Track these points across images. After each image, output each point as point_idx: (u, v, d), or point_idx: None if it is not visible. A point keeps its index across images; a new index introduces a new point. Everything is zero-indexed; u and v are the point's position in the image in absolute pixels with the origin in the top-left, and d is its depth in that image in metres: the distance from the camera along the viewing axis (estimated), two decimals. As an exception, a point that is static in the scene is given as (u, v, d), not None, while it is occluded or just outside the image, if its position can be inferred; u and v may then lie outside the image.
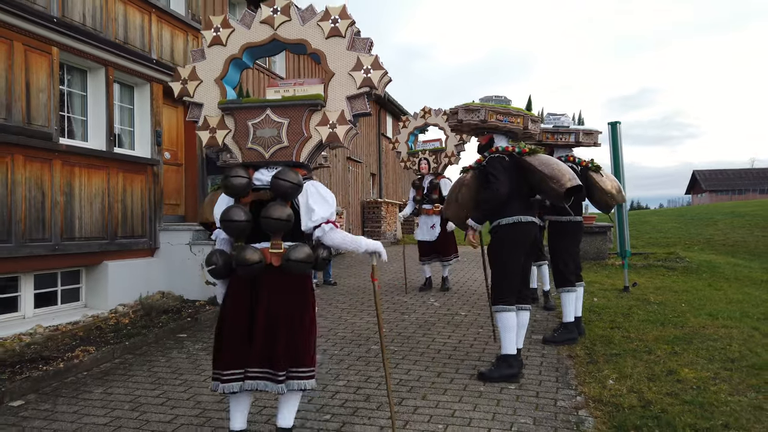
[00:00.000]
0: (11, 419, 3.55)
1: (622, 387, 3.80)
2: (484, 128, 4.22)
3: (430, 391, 3.89)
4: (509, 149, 4.08)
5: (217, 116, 3.09)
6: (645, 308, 6.23)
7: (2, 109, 5.10)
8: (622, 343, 4.87)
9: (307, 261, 2.78)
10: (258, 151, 2.98)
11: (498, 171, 3.98)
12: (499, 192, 3.94)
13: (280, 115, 2.97)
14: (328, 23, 2.96)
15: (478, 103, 4.08)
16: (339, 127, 2.94)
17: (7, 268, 5.26)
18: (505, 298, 4.03)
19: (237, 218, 2.76)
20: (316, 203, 2.83)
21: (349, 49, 2.95)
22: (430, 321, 5.97)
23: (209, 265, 2.86)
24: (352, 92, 2.94)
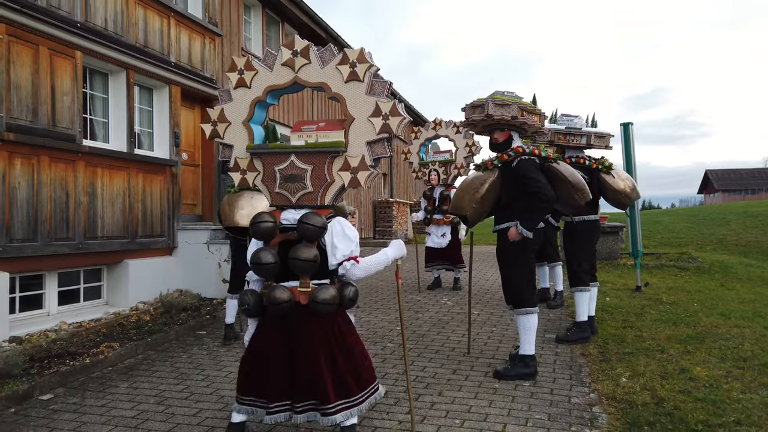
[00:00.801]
0: (42, 412, 3.69)
1: (635, 385, 3.87)
2: (505, 125, 4.10)
3: (446, 387, 3.98)
4: (535, 152, 4.04)
5: (247, 158, 3.24)
6: (657, 308, 6.27)
7: (29, 112, 5.25)
8: (634, 342, 4.93)
9: (332, 302, 2.90)
10: (285, 195, 3.13)
11: (536, 173, 3.94)
12: (550, 195, 3.90)
13: (304, 162, 3.10)
14: (346, 67, 3.02)
15: (506, 97, 4.00)
16: (360, 173, 3.04)
17: (32, 266, 5.42)
18: (530, 300, 4.07)
19: (266, 261, 2.92)
20: (340, 241, 2.96)
21: (368, 94, 3.01)
22: (443, 320, 6.06)
23: (242, 305, 3.02)
24: (372, 138, 3.01)
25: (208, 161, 8.31)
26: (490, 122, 4.09)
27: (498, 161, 4.10)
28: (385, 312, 6.49)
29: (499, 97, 4.00)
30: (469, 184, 4.14)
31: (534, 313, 4.08)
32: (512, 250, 4.08)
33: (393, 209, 16.25)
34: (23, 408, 3.75)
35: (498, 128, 4.16)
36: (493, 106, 3.97)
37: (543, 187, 3.92)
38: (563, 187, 4.04)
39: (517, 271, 4.10)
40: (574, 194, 3.96)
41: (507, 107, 3.96)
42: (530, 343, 4.09)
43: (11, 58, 5.08)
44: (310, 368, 2.92)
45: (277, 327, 2.99)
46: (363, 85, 3.01)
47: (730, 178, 61.72)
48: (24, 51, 5.21)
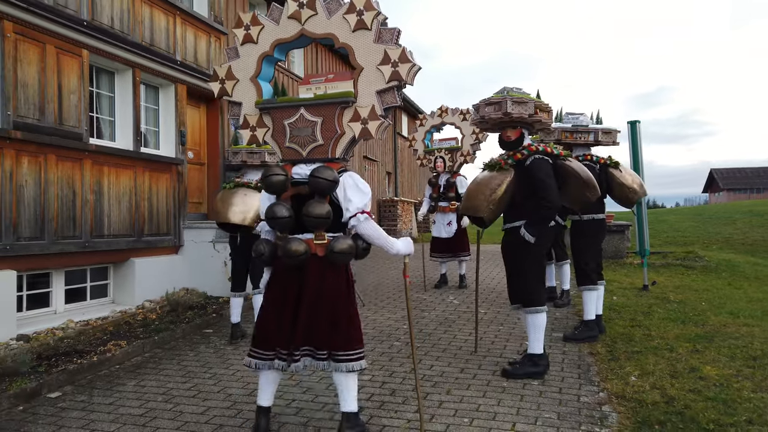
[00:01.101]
0: (50, 410, 3.69)
1: (644, 383, 3.85)
2: (520, 123, 4.06)
3: (454, 386, 3.97)
4: (548, 150, 4.01)
5: (256, 115, 3.21)
6: (665, 307, 6.24)
7: (36, 110, 5.25)
8: (643, 340, 4.91)
9: (350, 252, 2.95)
10: (295, 149, 3.11)
11: (547, 176, 3.91)
12: (555, 203, 3.89)
13: (314, 114, 3.06)
14: (353, 16, 2.97)
15: (527, 96, 3.97)
16: (371, 123, 3.01)
17: (39, 265, 5.43)
18: (539, 299, 4.04)
19: (281, 215, 2.94)
20: (353, 194, 2.95)
21: (376, 42, 2.95)
22: (450, 318, 6.04)
23: (257, 253, 3.04)
24: (382, 86, 2.97)
25: (214, 160, 8.31)
26: (506, 120, 4.04)
27: (512, 160, 4.04)
28: (391, 311, 6.48)
29: (517, 94, 3.96)
30: (484, 185, 4.01)
31: (543, 312, 4.05)
32: (521, 248, 4.03)
33: (398, 208, 16.23)
34: (31, 406, 3.75)
35: (511, 126, 4.11)
36: (511, 104, 3.92)
37: (550, 193, 3.88)
38: (574, 184, 4.01)
39: (526, 270, 4.06)
40: (585, 191, 3.94)
41: (525, 105, 3.92)
42: (539, 342, 4.06)
43: (18, 56, 5.09)
44: (320, 316, 2.95)
45: (287, 277, 3.00)
46: (371, 34, 2.96)
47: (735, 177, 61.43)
48: (31, 49, 5.22)
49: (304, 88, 3.15)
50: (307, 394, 3.83)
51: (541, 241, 4.02)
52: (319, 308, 2.96)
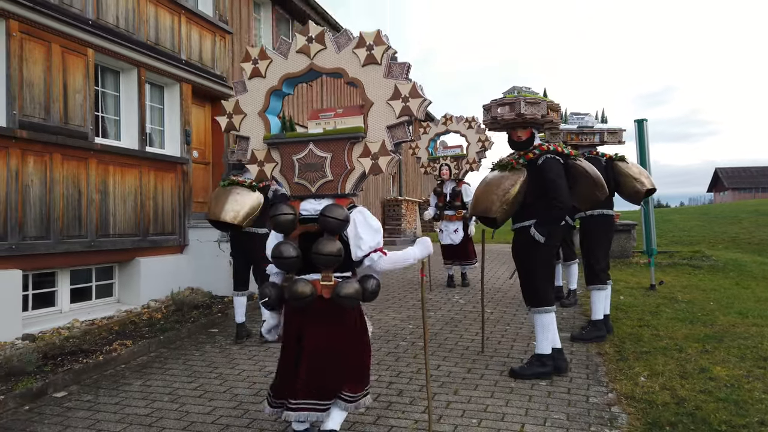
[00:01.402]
0: (56, 410, 3.68)
1: (654, 384, 3.81)
2: (532, 123, 4.02)
3: (462, 386, 3.94)
4: (559, 149, 3.99)
5: (264, 150, 3.16)
6: (673, 306, 6.20)
7: (41, 109, 5.25)
8: (651, 341, 4.86)
9: (356, 297, 2.85)
10: (304, 185, 3.05)
11: (558, 176, 3.89)
12: (566, 203, 3.87)
13: (323, 150, 3.02)
14: (363, 50, 2.92)
15: (540, 96, 3.95)
16: (381, 158, 2.94)
17: (45, 264, 5.42)
18: (547, 299, 4.01)
19: (287, 255, 2.85)
20: (364, 232, 2.88)
21: (386, 77, 2.91)
22: (456, 318, 6.01)
23: (262, 297, 2.97)
24: (392, 121, 2.91)
25: (219, 159, 8.29)
26: (519, 121, 3.99)
27: (524, 160, 4.00)
28: (397, 310, 6.45)
29: (528, 94, 3.93)
30: (495, 186, 3.96)
31: (550, 312, 4.02)
32: (531, 248, 3.99)
33: (402, 208, 16.19)
34: (37, 405, 3.74)
35: (522, 126, 4.06)
36: (524, 104, 3.89)
37: (562, 193, 3.86)
38: (585, 182, 3.99)
39: (535, 270, 4.03)
40: (596, 190, 3.93)
41: (537, 105, 3.90)
42: (546, 342, 4.03)
43: (24, 55, 5.08)
44: (325, 366, 2.86)
45: (295, 320, 2.94)
46: (381, 68, 2.91)
47: (740, 176, 61.12)
48: (36, 48, 5.21)
49: (313, 123, 3.10)
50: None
51: (551, 241, 3.98)
52: (324, 358, 2.87)
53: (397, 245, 15.02)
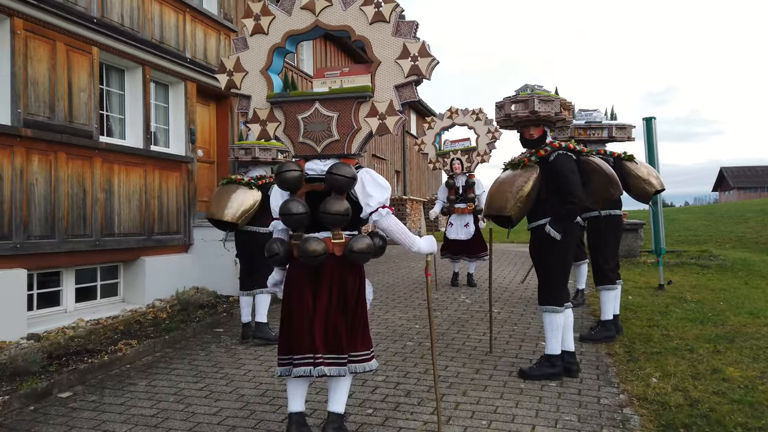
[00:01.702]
0: (61, 410, 3.64)
1: (666, 385, 3.75)
2: (542, 120, 3.94)
3: (470, 387, 3.89)
4: (570, 146, 3.93)
5: (266, 109, 3.07)
6: (682, 306, 6.13)
7: (46, 107, 5.22)
8: (662, 341, 4.80)
9: (369, 251, 2.87)
10: (310, 145, 2.99)
11: (571, 172, 3.83)
12: (580, 198, 3.81)
13: (329, 109, 2.96)
14: (371, 8, 2.87)
15: (549, 92, 3.91)
16: (389, 118, 2.92)
17: (50, 263, 5.40)
18: (556, 298, 3.92)
19: (296, 211, 2.84)
20: (373, 189, 2.88)
21: (394, 35, 2.86)
22: (463, 318, 5.96)
23: (271, 253, 2.94)
24: (400, 81, 2.87)
25: (224, 158, 8.26)
26: (532, 118, 3.91)
27: (536, 157, 3.94)
28: (403, 310, 6.40)
29: (542, 92, 3.87)
30: (509, 184, 3.91)
31: (560, 313, 3.94)
32: (548, 246, 3.92)
33: (407, 207, 16.15)
34: (42, 406, 3.71)
35: (534, 124, 3.99)
36: (538, 102, 3.82)
37: (575, 188, 3.81)
38: (599, 179, 3.93)
39: (550, 268, 3.96)
40: (609, 187, 3.86)
41: (551, 103, 3.83)
42: (556, 343, 3.96)
43: (28, 53, 5.06)
44: (340, 321, 2.88)
45: (304, 278, 2.91)
46: (389, 26, 2.87)
47: (745, 175, 60.81)
48: (41, 46, 5.19)
49: (318, 81, 3.05)
50: (320, 395, 3.76)
51: (567, 239, 3.91)
52: (340, 313, 2.89)
53: (402, 245, 14.98)
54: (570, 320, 4.04)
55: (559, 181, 3.85)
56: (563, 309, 3.95)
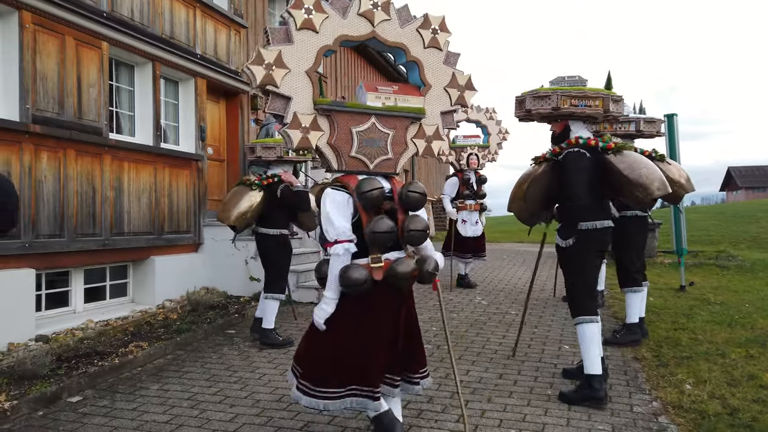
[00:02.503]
0: (71, 416, 3.51)
1: (701, 392, 3.59)
2: (558, 116, 3.72)
3: (495, 393, 3.74)
4: (591, 143, 3.59)
5: (311, 115, 2.77)
6: (707, 308, 5.95)
7: (55, 103, 5.09)
8: (690, 345, 4.64)
9: (411, 275, 2.81)
10: (363, 161, 2.86)
11: (575, 174, 3.53)
12: (579, 204, 3.54)
13: (386, 126, 2.90)
14: (428, 32, 2.93)
15: (547, 88, 3.69)
16: (435, 142, 2.98)
17: (59, 263, 5.27)
18: (587, 308, 3.59)
19: (387, 229, 2.71)
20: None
21: (445, 63, 2.98)
22: (480, 320, 5.81)
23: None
24: (446, 108, 2.98)
25: (234, 156, 8.13)
26: (545, 114, 3.72)
27: (550, 154, 3.75)
28: (419, 311, 6.20)
29: (569, 88, 3.65)
30: (517, 181, 3.89)
31: (591, 323, 3.56)
32: (561, 253, 3.70)
33: (415, 206, 15.98)
34: (51, 411, 3.58)
35: (552, 119, 3.80)
36: (531, 99, 3.65)
37: (573, 188, 3.54)
38: (616, 181, 3.53)
39: (568, 276, 3.71)
40: (634, 190, 3.43)
41: (545, 99, 3.59)
42: (591, 360, 3.50)
43: (37, 47, 4.93)
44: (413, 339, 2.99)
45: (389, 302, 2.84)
46: (442, 54, 2.97)
47: (753, 175, 60.26)
48: (50, 41, 5.06)
49: (372, 95, 2.88)
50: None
51: (579, 246, 3.57)
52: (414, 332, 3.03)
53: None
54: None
55: (562, 180, 3.65)
56: (592, 319, 3.58)
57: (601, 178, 3.58)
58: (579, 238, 3.56)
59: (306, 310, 6.45)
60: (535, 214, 3.87)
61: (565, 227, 3.64)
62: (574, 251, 3.61)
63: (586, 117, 3.73)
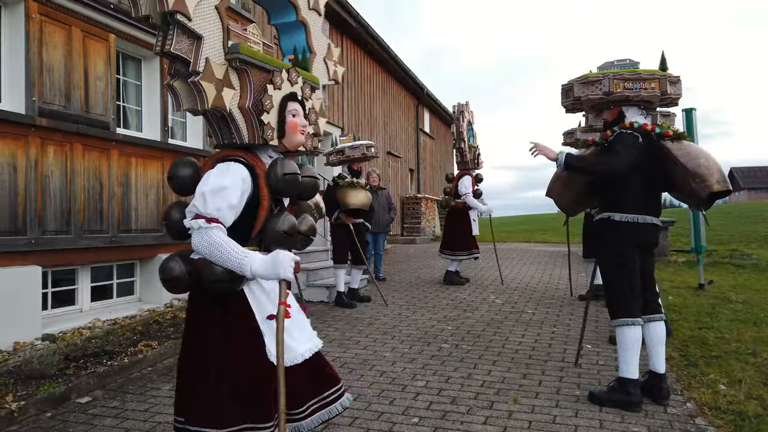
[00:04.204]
0: (81, 417, 3.37)
1: (737, 393, 3.44)
2: (610, 101, 3.45)
3: (520, 394, 3.59)
4: (647, 127, 3.31)
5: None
6: (729, 307, 5.81)
7: (62, 96, 4.96)
8: (718, 344, 4.49)
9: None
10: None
11: (624, 146, 3.21)
12: (613, 165, 3.20)
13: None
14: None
15: (597, 72, 3.45)
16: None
17: (65, 260, 5.13)
18: (626, 309, 3.29)
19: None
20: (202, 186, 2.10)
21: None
22: (497, 319, 5.66)
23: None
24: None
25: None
26: (596, 102, 3.48)
27: (601, 138, 3.49)
28: (431, 311, 6.11)
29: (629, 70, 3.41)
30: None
31: (630, 326, 3.27)
32: (610, 246, 3.39)
33: (421, 205, 15.85)
34: (60, 412, 3.44)
35: (604, 106, 3.53)
36: (579, 86, 3.41)
37: (615, 159, 3.20)
38: (672, 170, 3.26)
39: (611, 273, 3.38)
40: (690, 181, 3.12)
41: (596, 84, 3.31)
42: (627, 363, 3.28)
43: (43, 39, 4.80)
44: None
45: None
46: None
47: (756, 176, 60.05)
48: (56, 32, 4.92)
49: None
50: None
51: (615, 240, 3.30)
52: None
53: (417, 244, 14.66)
54: (655, 336, 3.40)
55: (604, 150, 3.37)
56: (629, 322, 3.31)
57: (654, 169, 3.31)
58: (615, 231, 3.30)
59: (317, 309, 6.32)
60: (578, 202, 3.60)
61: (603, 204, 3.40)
62: (609, 245, 3.36)
63: (643, 101, 3.43)
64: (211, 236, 1.95)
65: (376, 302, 6.59)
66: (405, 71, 15.31)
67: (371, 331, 5.26)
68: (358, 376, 3.97)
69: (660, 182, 3.35)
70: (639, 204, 3.30)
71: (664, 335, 3.40)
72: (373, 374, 4.01)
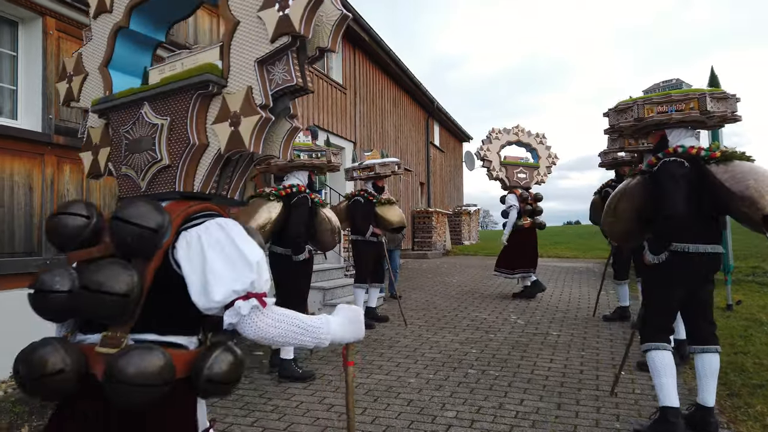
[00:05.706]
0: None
1: (790, 428, 3.26)
2: (643, 127, 3.38)
3: (558, 427, 3.41)
4: (692, 151, 3.16)
5: (99, 126, 1.86)
6: (762, 330, 5.60)
7: (78, 113, 4.86)
8: (758, 371, 4.30)
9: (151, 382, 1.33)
10: (131, 177, 1.69)
11: (671, 182, 3.08)
12: (673, 214, 3.03)
13: (159, 112, 1.65)
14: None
15: (630, 99, 3.38)
16: (244, 121, 1.49)
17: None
18: (658, 335, 3.21)
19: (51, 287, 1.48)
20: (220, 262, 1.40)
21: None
22: (521, 341, 5.48)
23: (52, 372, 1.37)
24: (265, 51, 1.48)
25: (255, 168, 7.89)
26: (637, 128, 3.40)
27: (647, 166, 3.35)
28: (452, 332, 5.94)
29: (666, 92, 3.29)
30: (612, 196, 3.49)
31: (659, 350, 3.17)
32: (650, 272, 3.29)
33: (432, 219, 15.69)
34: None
35: (643, 131, 3.44)
36: (613, 115, 3.39)
37: (666, 199, 3.10)
38: (723, 196, 3.05)
39: (655, 299, 3.29)
40: (740, 206, 2.93)
41: (627, 111, 3.27)
42: (662, 391, 3.14)
43: (61, 55, 4.71)
44: None
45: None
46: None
47: (767, 187, 59.61)
48: (73, 48, 4.83)
49: (156, 71, 1.80)
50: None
51: (669, 269, 3.14)
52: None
53: (430, 259, 14.48)
54: (708, 367, 3.21)
55: (654, 192, 3.24)
56: (658, 347, 3.19)
57: (708, 194, 3.11)
58: (669, 260, 3.13)
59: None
60: (631, 234, 3.43)
61: (657, 241, 3.19)
62: (661, 272, 3.19)
63: (688, 122, 3.30)
64: (277, 312, 1.45)
65: (393, 322, 6.43)
66: (416, 85, 15.24)
67: (393, 355, 5.09)
68: (385, 405, 3.80)
69: (715, 208, 3.17)
70: (697, 232, 3.13)
71: (717, 367, 3.23)
72: (400, 402, 3.84)
